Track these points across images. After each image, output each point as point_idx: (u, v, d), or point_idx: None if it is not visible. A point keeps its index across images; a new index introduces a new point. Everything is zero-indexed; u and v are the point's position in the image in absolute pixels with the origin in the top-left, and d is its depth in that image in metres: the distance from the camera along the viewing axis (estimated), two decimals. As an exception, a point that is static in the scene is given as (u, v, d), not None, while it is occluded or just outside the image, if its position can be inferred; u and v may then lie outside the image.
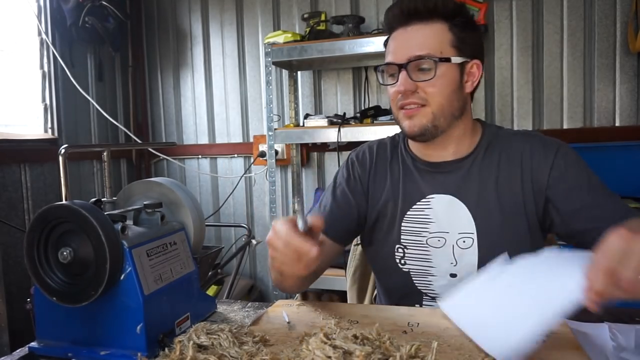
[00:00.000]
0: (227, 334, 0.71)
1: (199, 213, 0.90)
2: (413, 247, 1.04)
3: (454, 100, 0.98)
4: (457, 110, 1.00)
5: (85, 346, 0.73)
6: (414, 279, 1.04)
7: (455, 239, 1.00)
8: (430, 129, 0.97)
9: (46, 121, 2.63)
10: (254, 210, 3.11)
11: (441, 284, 1.02)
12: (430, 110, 0.96)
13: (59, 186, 2.43)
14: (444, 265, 1.01)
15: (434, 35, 0.96)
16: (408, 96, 0.96)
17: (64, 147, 0.78)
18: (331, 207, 1.10)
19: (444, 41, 0.96)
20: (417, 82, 0.95)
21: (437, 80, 0.95)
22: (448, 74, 0.96)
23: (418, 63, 0.95)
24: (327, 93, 2.92)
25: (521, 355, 0.65)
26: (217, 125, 3.14)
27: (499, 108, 2.63)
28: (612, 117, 2.48)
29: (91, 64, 2.90)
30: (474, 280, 0.86)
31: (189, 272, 0.84)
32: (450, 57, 0.95)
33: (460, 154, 1.03)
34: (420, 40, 0.95)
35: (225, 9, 3.06)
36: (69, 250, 0.70)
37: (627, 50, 2.40)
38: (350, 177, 1.12)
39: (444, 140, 1.02)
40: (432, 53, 0.94)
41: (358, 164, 1.13)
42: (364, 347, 0.64)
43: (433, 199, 1.03)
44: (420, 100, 0.96)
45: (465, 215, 1.00)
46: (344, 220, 1.09)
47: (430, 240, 1.02)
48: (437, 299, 1.02)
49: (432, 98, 0.96)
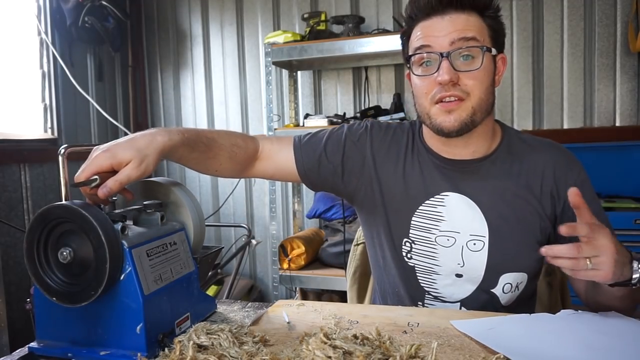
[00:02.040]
0: (227, 334, 0.71)
1: (199, 213, 0.90)
2: (420, 243, 1.01)
3: (490, 94, 0.94)
4: (490, 106, 0.95)
5: (85, 346, 0.73)
6: (418, 276, 1.02)
7: (466, 240, 0.98)
8: (469, 124, 0.92)
9: (46, 121, 2.64)
10: (254, 210, 3.11)
11: (446, 282, 1.00)
12: (470, 104, 0.91)
13: (59, 186, 2.43)
14: (450, 265, 0.99)
15: (474, 22, 0.91)
16: (449, 88, 0.90)
17: (63, 147, 0.78)
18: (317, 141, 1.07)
19: (482, 30, 0.92)
20: (459, 73, 0.90)
21: (481, 72, 0.90)
22: (488, 66, 0.92)
23: (461, 51, 0.90)
24: (327, 93, 2.92)
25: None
26: (217, 125, 3.14)
27: (499, 108, 2.63)
28: (612, 117, 2.48)
29: (91, 64, 2.90)
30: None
31: (189, 272, 0.84)
32: (491, 47, 0.92)
33: (478, 154, 0.99)
34: (462, 26, 0.90)
35: (225, 9, 3.06)
36: (69, 250, 0.70)
37: (628, 50, 2.40)
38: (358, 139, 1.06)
39: (468, 137, 0.97)
40: (478, 38, 0.90)
41: (375, 134, 1.07)
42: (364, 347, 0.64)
43: (447, 196, 0.99)
44: (461, 93, 0.90)
45: (479, 218, 0.97)
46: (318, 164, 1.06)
47: (440, 239, 0.99)
48: (439, 298, 1.01)
49: (474, 91, 0.91)
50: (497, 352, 0.68)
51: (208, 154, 0.95)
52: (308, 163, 1.05)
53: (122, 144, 0.78)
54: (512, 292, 0.99)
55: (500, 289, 0.98)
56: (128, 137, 0.80)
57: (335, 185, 1.08)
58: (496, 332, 0.77)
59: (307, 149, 1.06)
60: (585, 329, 0.78)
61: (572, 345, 0.72)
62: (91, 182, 0.73)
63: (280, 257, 2.51)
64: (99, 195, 0.72)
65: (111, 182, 0.73)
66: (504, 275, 0.97)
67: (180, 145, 0.87)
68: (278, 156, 1.06)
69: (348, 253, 1.35)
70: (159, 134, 0.83)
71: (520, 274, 0.98)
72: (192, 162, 0.94)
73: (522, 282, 0.99)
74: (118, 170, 0.75)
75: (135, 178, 0.76)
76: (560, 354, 0.69)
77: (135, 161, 0.76)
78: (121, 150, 0.76)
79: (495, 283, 0.98)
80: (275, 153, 1.06)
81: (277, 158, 1.06)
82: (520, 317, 0.83)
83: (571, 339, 0.74)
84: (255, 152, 1.04)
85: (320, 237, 2.63)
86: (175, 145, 0.85)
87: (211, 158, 0.96)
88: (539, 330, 0.78)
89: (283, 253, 2.50)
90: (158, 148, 0.81)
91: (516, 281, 0.98)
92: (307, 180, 1.08)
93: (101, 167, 0.74)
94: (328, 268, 2.47)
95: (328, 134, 1.08)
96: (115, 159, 0.75)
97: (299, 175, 1.06)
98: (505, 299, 0.99)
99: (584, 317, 0.82)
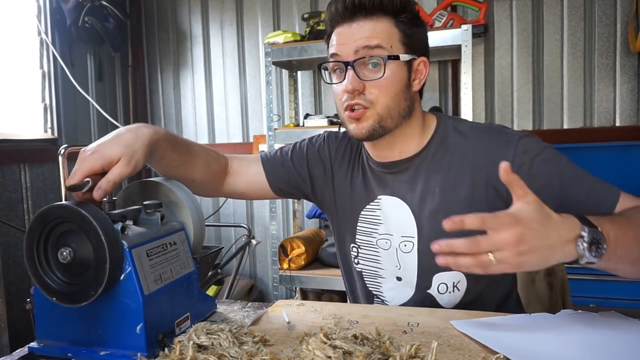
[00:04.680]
0: (227, 334, 0.71)
1: (199, 213, 0.90)
2: (365, 247, 1.04)
3: (401, 100, 0.93)
4: (404, 110, 0.94)
5: (85, 346, 0.73)
6: (365, 280, 1.05)
7: (398, 242, 0.99)
8: (378, 130, 0.93)
9: (46, 121, 2.63)
10: (254, 210, 3.11)
11: (389, 286, 1.02)
12: (375, 112, 0.91)
13: (59, 186, 2.43)
14: (390, 267, 1.00)
15: (382, 30, 0.90)
16: (354, 97, 0.91)
17: (63, 147, 0.78)
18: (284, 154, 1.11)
19: (392, 36, 0.90)
20: (365, 82, 0.90)
21: (386, 80, 0.90)
22: (397, 73, 0.91)
23: (365, 61, 0.89)
24: (327, 93, 2.92)
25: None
26: (217, 125, 3.14)
27: (499, 108, 2.63)
28: (612, 117, 2.48)
29: (91, 64, 2.90)
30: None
31: (189, 272, 0.84)
32: (399, 54, 0.90)
33: (406, 154, 0.99)
34: (368, 33, 0.89)
35: (225, 9, 3.06)
36: (69, 250, 0.70)
37: (627, 50, 2.40)
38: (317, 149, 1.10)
39: (390, 140, 0.97)
40: (384, 45, 0.89)
41: (331, 143, 1.11)
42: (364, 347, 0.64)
43: (381, 200, 1.01)
44: (365, 102, 0.91)
45: (409, 218, 0.97)
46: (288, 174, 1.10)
47: (379, 242, 1.01)
48: (385, 302, 1.03)
49: (378, 99, 0.91)
50: (497, 352, 0.68)
51: (186, 157, 0.95)
52: (278, 175, 1.09)
53: (109, 143, 0.77)
54: (449, 292, 0.97)
55: (435, 290, 0.98)
56: (113, 134, 0.80)
57: (306, 193, 1.13)
58: (496, 332, 0.77)
59: (275, 162, 1.10)
60: (585, 329, 0.78)
61: (572, 345, 0.72)
62: (84, 186, 0.73)
63: (280, 257, 2.51)
64: (95, 198, 0.73)
65: (104, 183, 0.73)
66: (436, 275, 0.97)
67: (163, 140, 0.87)
68: (248, 172, 1.09)
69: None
70: (144, 126, 0.83)
71: (454, 272, 0.95)
72: (172, 164, 0.93)
73: (461, 282, 0.97)
74: (109, 169, 0.75)
75: (127, 175, 0.76)
76: (560, 354, 0.69)
77: (125, 158, 0.76)
78: (109, 149, 0.76)
79: (429, 284, 0.98)
80: (245, 168, 1.09)
81: (247, 173, 1.09)
82: (520, 317, 0.83)
83: (571, 339, 0.74)
84: (226, 166, 1.07)
85: (320, 237, 2.63)
86: (160, 139, 0.85)
87: (189, 162, 0.96)
88: (539, 330, 0.78)
89: (283, 253, 2.50)
90: (146, 141, 0.81)
91: (452, 280, 0.97)
92: (279, 192, 1.11)
93: (92, 169, 0.74)
94: (328, 268, 2.47)
95: (292, 147, 1.13)
96: (104, 159, 0.75)
97: (270, 187, 1.09)
98: (444, 301, 0.98)
99: (584, 317, 0.82)
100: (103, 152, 0.76)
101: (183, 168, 0.95)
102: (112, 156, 0.75)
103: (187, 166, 0.96)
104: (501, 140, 0.93)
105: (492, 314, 0.86)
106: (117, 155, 0.76)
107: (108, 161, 0.75)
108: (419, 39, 0.94)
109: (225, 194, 1.09)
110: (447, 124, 1.00)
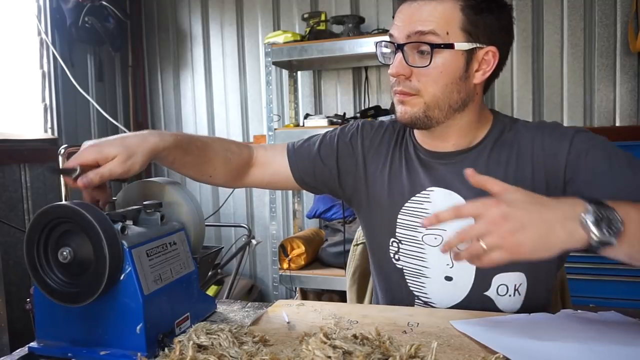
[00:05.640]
0: (227, 334, 0.71)
1: (199, 213, 0.90)
2: (408, 243, 0.97)
3: (453, 92, 0.87)
4: (457, 103, 0.89)
5: (85, 346, 0.73)
6: (407, 278, 0.99)
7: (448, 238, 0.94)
8: (423, 119, 0.88)
9: (46, 121, 2.63)
10: (254, 210, 3.11)
11: (435, 287, 0.95)
12: (422, 101, 0.87)
13: (59, 186, 2.43)
14: (440, 266, 0.94)
15: (442, 13, 0.84)
16: (400, 82, 0.87)
17: (63, 147, 0.79)
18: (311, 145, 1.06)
19: (452, 22, 0.84)
20: (413, 68, 0.85)
21: (435, 69, 0.85)
22: (450, 62, 0.85)
23: (417, 45, 0.84)
24: (327, 93, 2.92)
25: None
26: (217, 125, 3.14)
27: (499, 108, 2.60)
28: (612, 117, 2.48)
29: (91, 64, 2.90)
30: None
31: (189, 272, 0.84)
32: (454, 42, 0.84)
33: (461, 147, 0.94)
34: (425, 16, 0.84)
35: (225, 9, 3.06)
36: (69, 250, 0.70)
37: (627, 50, 2.40)
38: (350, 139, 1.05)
39: (442, 131, 0.93)
40: (437, 32, 0.83)
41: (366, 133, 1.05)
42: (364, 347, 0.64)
43: (432, 192, 0.95)
44: (411, 90, 0.87)
45: None
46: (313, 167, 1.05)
47: (427, 238, 0.95)
48: (429, 304, 0.97)
49: (426, 88, 0.86)
50: (497, 352, 0.68)
51: (202, 158, 0.95)
52: (303, 167, 1.05)
53: (111, 141, 0.79)
54: (509, 295, 0.93)
55: (494, 292, 0.93)
56: (120, 135, 0.81)
57: (333, 188, 1.08)
58: (496, 332, 0.77)
59: (301, 153, 1.06)
60: (585, 329, 0.78)
61: (572, 345, 0.72)
62: (72, 172, 0.74)
63: (280, 257, 2.51)
64: (79, 185, 0.74)
65: (92, 174, 0.75)
66: (497, 276, 0.92)
67: (173, 148, 0.87)
68: (273, 162, 1.06)
69: (348, 253, 1.35)
70: (151, 134, 0.84)
71: (515, 274, 0.92)
72: (186, 166, 0.94)
73: (522, 285, 0.93)
74: (103, 164, 0.76)
75: (119, 174, 0.77)
76: (560, 354, 0.69)
77: (121, 157, 0.77)
78: (108, 145, 0.77)
79: (488, 285, 0.93)
80: (270, 159, 1.06)
81: (272, 164, 1.06)
82: (520, 317, 0.83)
83: (571, 339, 0.74)
84: (249, 158, 1.04)
85: (320, 237, 2.63)
86: (168, 147, 0.86)
87: (205, 162, 0.96)
88: (538, 330, 0.78)
89: (283, 253, 2.50)
90: (148, 148, 0.81)
91: (513, 283, 0.92)
92: (304, 184, 1.08)
93: (86, 159, 0.76)
94: (328, 268, 2.47)
95: (321, 137, 1.08)
96: (101, 153, 0.76)
97: (295, 180, 1.06)
98: (502, 304, 0.93)
99: (584, 317, 0.82)
100: (101, 148, 0.77)
101: (198, 168, 0.96)
102: (108, 152, 0.76)
103: (203, 166, 0.96)
104: (556, 135, 0.90)
105: (492, 314, 0.86)
106: (113, 153, 0.77)
107: (104, 156, 0.76)
108: (489, 26, 0.86)
109: (250, 185, 1.07)
110: (504, 120, 0.97)
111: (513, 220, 0.63)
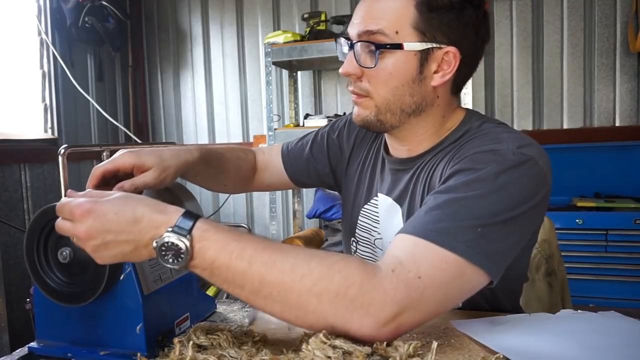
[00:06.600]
0: (226, 334, 0.71)
1: (199, 213, 0.90)
2: (363, 244, 0.97)
3: (405, 95, 0.80)
4: (411, 107, 0.81)
5: (84, 346, 0.73)
6: None
7: (387, 248, 0.83)
8: (375, 122, 0.83)
9: (46, 121, 2.64)
10: (254, 210, 3.11)
11: None
12: (373, 103, 0.82)
13: (58, 186, 2.43)
14: None
15: (394, 10, 0.76)
16: (354, 82, 0.82)
17: (63, 147, 0.78)
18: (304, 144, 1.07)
19: (404, 20, 0.76)
20: (363, 68, 0.80)
21: (382, 71, 0.78)
22: (400, 64, 0.78)
23: (368, 45, 0.78)
24: (327, 93, 2.92)
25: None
26: (217, 125, 3.14)
27: (499, 108, 2.63)
28: (612, 117, 2.48)
29: (91, 64, 2.90)
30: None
31: (189, 272, 0.84)
32: (403, 42, 0.76)
33: (414, 153, 0.87)
34: (376, 14, 0.77)
35: (225, 9, 3.07)
36: (69, 250, 0.70)
37: (627, 50, 2.40)
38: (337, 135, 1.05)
39: (398, 135, 0.87)
40: (385, 31, 0.77)
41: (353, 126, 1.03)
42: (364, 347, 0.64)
43: (379, 199, 0.93)
44: (362, 91, 0.82)
45: (399, 224, 0.86)
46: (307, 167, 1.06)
47: (377, 242, 0.94)
48: None
49: (376, 90, 0.80)
50: (497, 352, 0.68)
51: (219, 169, 0.96)
52: (298, 168, 1.07)
53: (148, 151, 0.79)
54: None
55: None
56: (153, 148, 0.82)
57: (330, 183, 1.09)
58: (496, 332, 0.77)
59: (295, 154, 1.07)
60: (585, 329, 0.78)
61: (571, 345, 0.72)
62: None
63: (280, 257, 2.50)
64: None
65: (127, 184, 0.74)
66: None
67: (199, 162, 0.89)
68: (270, 166, 1.08)
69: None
70: (182, 150, 0.85)
71: None
72: (207, 178, 0.95)
73: None
74: (138, 173, 0.76)
75: (151, 187, 0.77)
76: (560, 354, 0.69)
77: (157, 170, 0.77)
78: (147, 154, 0.77)
79: None
80: (268, 163, 1.08)
81: (270, 168, 1.08)
82: (520, 317, 0.83)
83: (571, 339, 0.74)
84: (254, 162, 1.07)
85: (320, 237, 2.63)
86: (195, 162, 0.87)
87: (222, 173, 0.98)
88: (538, 330, 0.78)
89: (283, 253, 2.49)
90: (180, 162, 0.82)
91: None
92: (301, 184, 1.10)
93: (123, 164, 0.76)
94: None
95: (313, 136, 1.09)
96: (139, 160, 0.76)
97: (291, 180, 1.08)
98: None
99: (584, 317, 0.82)
100: (140, 155, 0.77)
101: (217, 179, 0.98)
102: (145, 161, 0.76)
103: (220, 177, 0.98)
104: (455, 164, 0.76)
105: (492, 314, 0.86)
106: (150, 164, 0.77)
107: (141, 163, 0.76)
108: (447, 25, 0.77)
109: (254, 189, 1.09)
110: (471, 124, 0.83)
111: (96, 238, 0.61)
